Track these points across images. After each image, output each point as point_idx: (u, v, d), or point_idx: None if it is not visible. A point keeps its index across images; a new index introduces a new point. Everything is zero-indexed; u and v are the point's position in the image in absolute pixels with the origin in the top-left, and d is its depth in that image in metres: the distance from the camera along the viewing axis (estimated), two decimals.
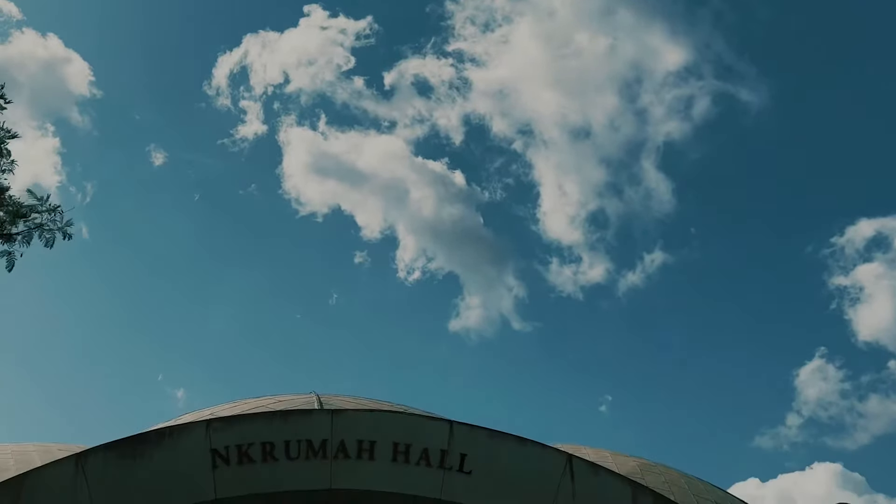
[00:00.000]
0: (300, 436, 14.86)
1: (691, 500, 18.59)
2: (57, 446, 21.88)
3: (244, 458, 14.60)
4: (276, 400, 18.98)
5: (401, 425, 15.47)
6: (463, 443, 15.07)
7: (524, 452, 15.40)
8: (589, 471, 15.16)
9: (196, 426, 15.05)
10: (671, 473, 20.37)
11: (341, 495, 14.80)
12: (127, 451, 14.68)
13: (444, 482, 14.70)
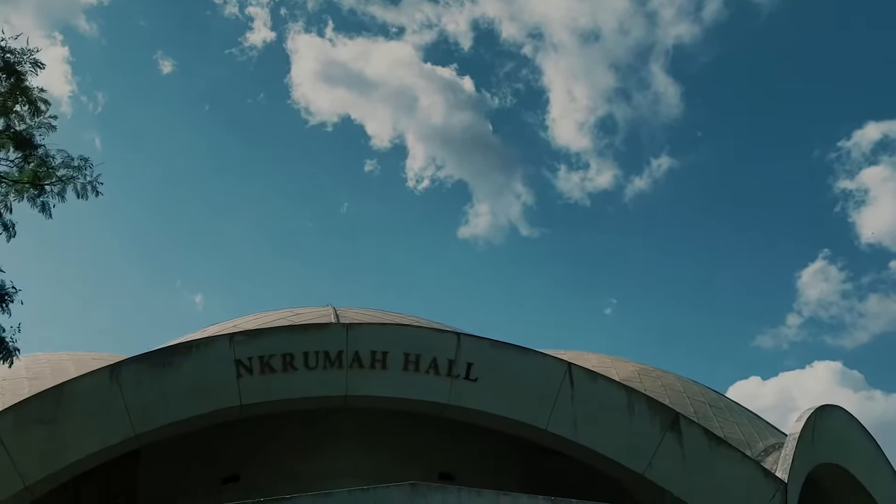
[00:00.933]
0: (317, 348, 15.52)
1: (685, 401, 19.38)
2: (91, 355, 22.88)
3: (266, 368, 15.30)
4: (294, 313, 19.57)
5: (411, 337, 16.07)
6: (469, 353, 15.71)
7: (526, 361, 16.15)
8: (587, 377, 15.90)
9: (220, 339, 15.73)
10: (668, 378, 21.14)
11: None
12: (157, 362, 15.47)
13: (451, 389, 15.37)
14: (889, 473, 19.79)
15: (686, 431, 15.64)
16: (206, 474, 17.52)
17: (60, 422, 14.60)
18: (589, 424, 15.40)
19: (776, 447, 16.97)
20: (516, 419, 15.51)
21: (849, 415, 19.36)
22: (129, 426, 14.93)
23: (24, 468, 14.25)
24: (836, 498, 19.37)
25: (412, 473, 16.38)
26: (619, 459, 15.27)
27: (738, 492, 15.40)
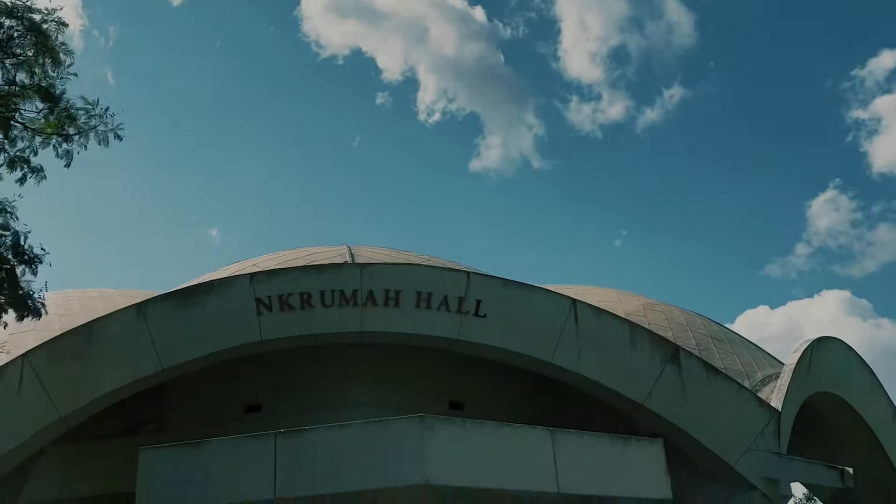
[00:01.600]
0: (333, 286, 15.87)
1: (688, 334, 19.93)
2: (117, 292, 23.54)
3: (285, 306, 15.67)
4: (311, 252, 19.91)
5: (423, 276, 16.40)
6: (478, 290, 16.05)
7: (533, 297, 16.55)
8: (591, 313, 16.30)
9: (241, 279, 16.18)
10: (672, 311, 21.66)
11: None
12: (181, 300, 15.93)
13: (461, 325, 15.74)
14: (883, 401, 20.50)
15: (685, 363, 16.10)
16: (229, 404, 18.13)
17: (91, 357, 15.10)
18: (592, 357, 15.81)
19: (773, 377, 17.51)
20: (523, 353, 15.90)
21: (845, 346, 19.92)
22: (156, 361, 15.36)
23: (58, 400, 14.77)
24: (831, 423, 20.07)
25: (424, 403, 16.90)
26: (620, 390, 15.71)
27: (734, 420, 15.92)
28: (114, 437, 18.22)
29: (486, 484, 9.57)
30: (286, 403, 17.59)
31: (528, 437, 9.91)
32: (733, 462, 15.51)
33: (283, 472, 9.60)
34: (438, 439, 9.33)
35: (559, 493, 9.74)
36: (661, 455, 10.51)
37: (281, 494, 9.65)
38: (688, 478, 16.08)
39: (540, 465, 9.64)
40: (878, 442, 19.75)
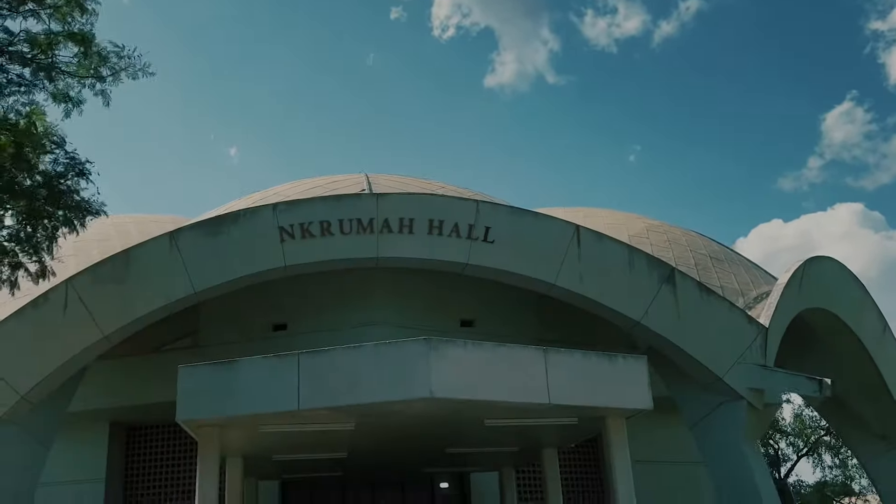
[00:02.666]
0: (351, 215, 16.39)
1: (688, 254, 20.58)
2: (150, 217, 24.54)
3: (306, 233, 16.25)
4: (330, 180, 20.55)
5: (435, 205, 16.85)
6: (487, 218, 16.52)
7: (538, 224, 17.06)
8: (593, 238, 16.84)
9: (265, 209, 16.75)
10: (675, 232, 22.30)
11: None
12: (210, 228, 16.57)
13: (470, 250, 16.29)
14: (874, 315, 21.14)
15: (680, 284, 16.66)
16: (257, 323, 19.08)
17: (129, 281, 15.85)
18: (593, 279, 16.39)
19: (766, 295, 18.05)
20: (528, 276, 16.48)
21: (839, 264, 20.47)
22: (188, 284, 16.01)
23: (100, 320, 15.63)
24: (824, 336, 20.66)
25: (437, 321, 18.09)
26: (618, 309, 16.35)
27: (725, 336, 16.58)
28: (151, 352, 19.26)
29: (484, 396, 10.38)
30: (310, 322, 18.52)
31: (522, 355, 10.63)
32: (722, 374, 16.24)
33: (306, 386, 10.40)
34: (442, 358, 10.06)
35: (550, 404, 10.59)
36: (645, 370, 11.31)
37: (304, 406, 10.47)
38: (682, 387, 17.14)
39: (533, 379, 10.42)
40: (868, 353, 20.44)
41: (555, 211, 24.74)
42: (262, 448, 13.55)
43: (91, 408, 18.41)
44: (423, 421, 11.69)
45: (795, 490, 42.94)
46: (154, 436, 21.01)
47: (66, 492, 19.09)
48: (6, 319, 15.56)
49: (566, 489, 17.82)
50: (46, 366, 15.56)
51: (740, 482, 15.95)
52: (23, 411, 15.53)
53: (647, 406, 11.16)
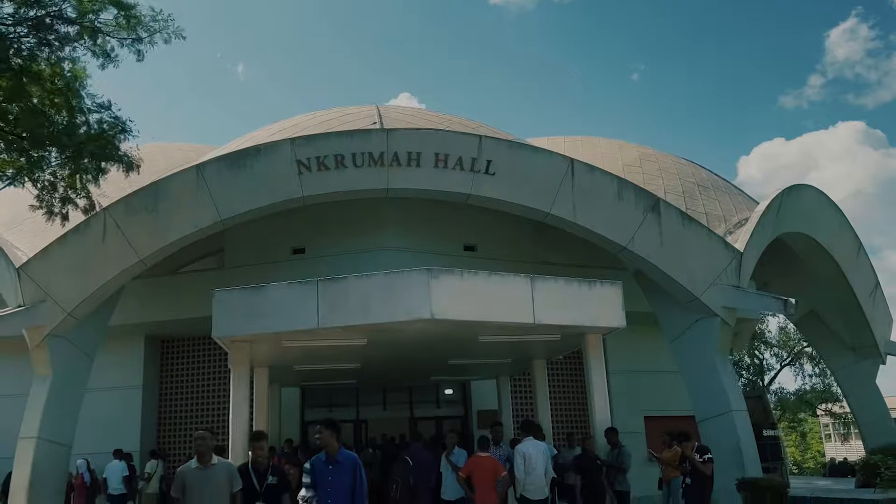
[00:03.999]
0: (363, 149, 16.89)
1: (677, 182, 21.46)
2: (175, 146, 25.51)
3: (322, 166, 16.82)
4: (343, 112, 21.06)
5: (441, 139, 17.28)
6: (488, 151, 17.06)
7: (536, 157, 17.69)
8: (585, 170, 17.48)
9: (284, 143, 17.21)
10: (666, 161, 23.14)
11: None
12: (234, 161, 17.12)
13: (473, 181, 16.90)
14: (849, 238, 22.14)
15: (664, 213, 17.43)
16: (278, 247, 19.84)
17: (160, 210, 16.51)
18: (584, 208, 17.10)
19: (746, 221, 18.90)
20: (526, 205, 17.19)
21: (817, 191, 21.28)
22: (215, 213, 16.66)
23: (137, 245, 16.45)
24: (804, 258, 21.74)
25: (442, 246, 19.06)
26: (607, 235, 17.16)
27: (702, 260, 17.39)
28: (182, 272, 20.42)
29: (477, 317, 11.38)
30: (326, 246, 19.35)
31: (511, 282, 11.61)
32: (699, 294, 17.13)
33: (324, 308, 11.42)
34: (441, 285, 11.03)
35: (535, 324, 11.60)
36: (619, 294, 12.38)
37: (322, 325, 11.52)
38: (663, 305, 18.16)
39: (521, 303, 11.42)
40: (843, 272, 21.60)
41: (555, 140, 25.58)
42: (286, 360, 14.66)
43: (128, 322, 19.40)
44: (425, 337, 12.76)
45: (778, 397, 44.81)
46: (184, 348, 22.08)
47: (109, 397, 20.22)
48: (50, 245, 16.55)
49: (553, 395, 18.84)
50: (89, 286, 16.62)
51: (711, 389, 17.12)
52: (69, 326, 16.72)
53: (621, 325, 12.37)
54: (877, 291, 22.91)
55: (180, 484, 7.00)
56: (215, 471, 6.99)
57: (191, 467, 7.04)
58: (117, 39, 12.17)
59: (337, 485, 6.44)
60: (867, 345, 22.98)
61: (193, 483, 6.86)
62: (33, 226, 17.87)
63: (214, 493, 6.86)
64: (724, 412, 16.68)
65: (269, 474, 7.26)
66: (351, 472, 6.54)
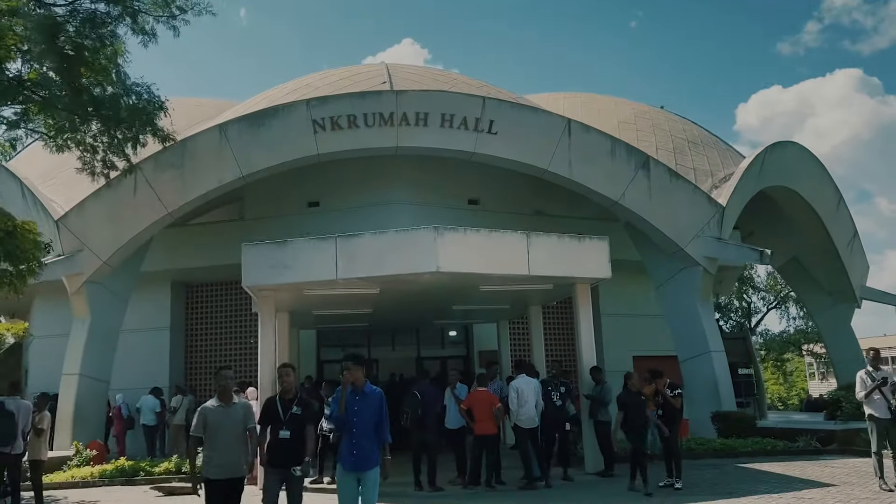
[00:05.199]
0: (374, 110, 17.54)
1: (668, 138, 22.28)
2: (192, 101, 26.08)
3: (335, 126, 17.48)
4: (354, 72, 21.62)
5: (447, 101, 17.90)
6: (491, 112, 17.77)
7: (535, 117, 18.45)
8: (581, 129, 18.28)
9: (300, 104, 17.90)
10: (660, 117, 23.91)
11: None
12: (253, 121, 17.85)
13: (477, 140, 17.65)
14: (830, 191, 23.03)
15: (653, 169, 18.29)
16: (294, 200, 20.53)
17: (186, 167, 17.33)
18: (580, 165, 17.90)
19: (731, 175, 19.85)
20: (525, 162, 17.92)
21: (800, 147, 22.15)
22: (237, 169, 17.49)
23: (164, 199, 17.42)
24: (787, 209, 22.67)
25: (447, 200, 19.77)
26: (600, 191, 18.01)
27: (688, 214, 18.31)
28: (205, 223, 21.23)
29: (478, 270, 12.29)
30: (339, 200, 20.03)
31: (509, 239, 12.41)
32: (684, 245, 18.13)
33: (342, 262, 12.25)
34: (446, 242, 11.94)
35: (530, 275, 12.53)
36: (606, 248, 13.24)
37: (340, 276, 12.36)
38: (651, 255, 19.26)
39: (517, 257, 12.22)
40: (823, 223, 22.50)
41: (556, 96, 26.26)
42: (306, 306, 15.66)
43: (156, 269, 20.32)
44: (432, 287, 13.78)
45: (764, 338, 46.14)
46: (208, 292, 23.01)
47: (141, 337, 21.25)
48: (86, 199, 17.64)
49: (547, 337, 19.81)
50: (122, 236, 17.76)
51: (692, 332, 18.36)
52: (105, 273, 17.94)
53: (607, 276, 13.43)
54: (854, 241, 23.91)
55: (202, 422, 7.00)
56: (235, 409, 7.10)
57: (212, 406, 7.07)
58: (154, 17, 12.90)
59: (364, 414, 6.83)
60: (844, 290, 24.07)
61: (215, 421, 6.94)
62: (66, 178, 18.74)
63: (235, 431, 6.97)
64: (703, 353, 17.97)
65: (294, 405, 7.40)
66: (378, 403, 6.94)
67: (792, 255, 24.95)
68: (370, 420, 6.91)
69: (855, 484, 10.78)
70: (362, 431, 6.87)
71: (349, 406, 6.90)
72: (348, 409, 6.89)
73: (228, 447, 6.90)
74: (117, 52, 12.38)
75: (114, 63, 12.41)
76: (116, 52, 12.36)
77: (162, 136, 14.25)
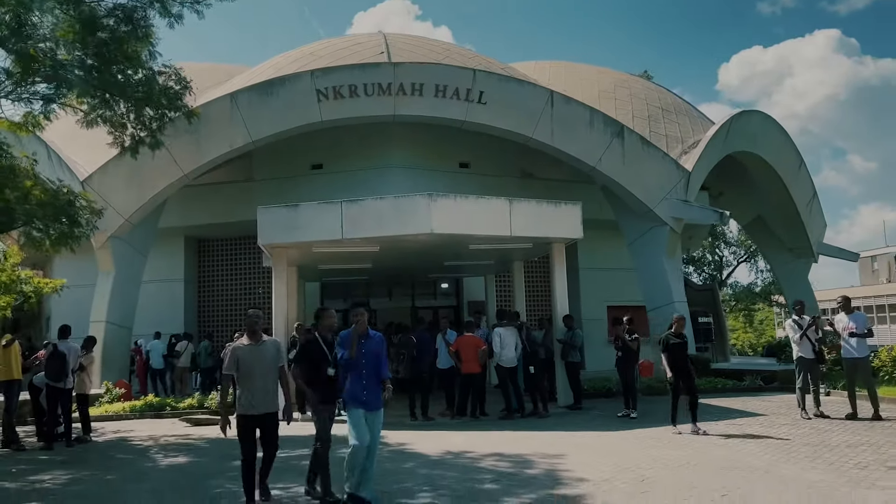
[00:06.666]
0: (373, 80, 18.50)
1: (644, 106, 23.47)
2: (200, 66, 26.92)
3: (337, 95, 18.46)
4: (353, 41, 22.42)
5: (441, 72, 18.83)
6: (481, 84, 18.80)
7: (521, 89, 19.47)
8: (563, 101, 19.37)
9: (305, 74, 18.79)
10: (637, 87, 25.06)
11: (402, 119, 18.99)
12: (262, 90, 18.82)
13: (468, 110, 18.69)
14: (793, 156, 24.36)
15: (627, 138, 19.51)
16: (299, 163, 21.53)
17: (201, 132, 18.14)
18: (561, 133, 19.05)
19: (699, 142, 21.13)
20: (512, 130, 19.00)
21: (765, 115, 23.40)
22: (246, 135, 18.52)
23: (181, 162, 18.47)
24: (752, 172, 24.03)
25: (440, 164, 20.89)
26: (579, 157, 19.22)
27: (657, 178, 19.61)
28: (215, 183, 22.02)
29: (467, 231, 13.53)
30: (341, 163, 21.07)
31: (494, 204, 13.52)
32: (653, 206, 19.46)
33: (347, 223, 13.49)
34: (439, 206, 13.15)
35: (512, 236, 13.79)
36: (579, 212, 14.47)
37: (345, 236, 13.59)
38: (624, 215, 20.57)
39: (501, 220, 13.34)
40: (785, 185, 23.90)
41: (542, 64, 27.32)
42: (313, 261, 16.95)
43: (171, 225, 21.46)
44: (426, 247, 15.05)
45: (734, 290, 47.91)
46: (218, 247, 24.19)
47: (159, 287, 22.53)
48: (109, 162, 18.66)
49: (528, 289, 21.12)
50: (142, 196, 18.92)
51: (659, 284, 19.92)
52: (126, 230, 19.14)
53: (579, 236, 14.84)
54: (814, 201, 25.41)
55: (234, 360, 6.86)
56: (266, 347, 6.97)
57: (243, 345, 6.95)
58: (180, 2, 13.77)
59: (370, 356, 7.00)
60: (803, 246, 25.65)
61: (247, 359, 6.84)
62: (88, 139, 19.68)
63: (266, 368, 6.88)
64: (667, 303, 19.58)
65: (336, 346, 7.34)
66: (380, 345, 7.18)
67: (756, 214, 26.42)
68: (374, 361, 7.05)
69: (781, 414, 12.51)
70: (370, 372, 6.98)
71: (358, 349, 7.01)
72: (357, 352, 7.01)
73: (262, 384, 6.83)
74: (149, 36, 13.29)
75: (145, 45, 13.37)
76: (148, 36, 13.27)
77: (187, 114, 15.36)
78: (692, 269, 46.07)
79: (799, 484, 7.22)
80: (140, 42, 13.11)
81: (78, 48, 12.11)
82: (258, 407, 6.77)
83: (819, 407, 12.28)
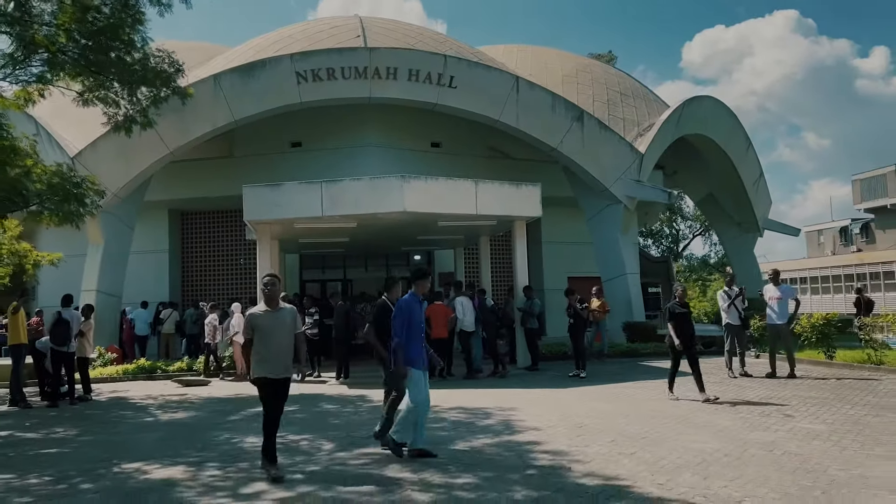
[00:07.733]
0: (350, 64, 19.19)
1: (604, 91, 24.54)
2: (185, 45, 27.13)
3: (316, 78, 19.10)
4: (330, 24, 22.92)
5: (414, 58, 19.55)
6: (452, 69, 19.63)
7: (489, 74, 20.33)
8: (527, 86, 20.34)
9: (285, 58, 19.43)
10: (598, 71, 26.05)
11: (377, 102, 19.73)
12: (244, 72, 19.43)
13: (439, 93, 19.52)
14: (741, 139, 25.64)
15: (586, 122, 20.57)
16: (278, 140, 22.25)
17: (186, 111, 18.51)
18: (525, 117, 20.04)
19: (652, 126, 22.27)
20: (480, 113, 19.93)
21: (715, 101, 24.56)
22: (229, 114, 19.17)
23: (166, 139, 19.05)
24: (704, 153, 25.35)
25: (413, 143, 21.75)
26: (542, 139, 20.25)
27: (613, 160, 20.74)
28: (198, 160, 22.50)
29: (437, 210, 14.49)
30: (319, 142, 21.80)
31: (461, 185, 14.45)
32: (609, 185, 20.63)
33: (327, 202, 14.36)
34: (412, 187, 14.05)
35: (478, 214, 14.82)
36: (538, 193, 15.51)
37: (325, 213, 14.48)
38: (583, 193, 21.70)
39: (467, 199, 14.31)
40: (734, 165, 25.22)
41: (509, 48, 28.21)
42: (294, 235, 17.84)
43: (156, 199, 22.12)
44: (399, 223, 16.04)
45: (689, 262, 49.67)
46: (200, 220, 24.85)
47: (145, 258, 23.27)
48: (98, 139, 19.28)
49: (493, 262, 22.10)
50: (130, 171, 19.60)
51: (613, 257, 21.16)
52: (115, 203, 19.82)
53: (538, 215, 15.97)
54: (760, 180, 26.84)
55: (250, 326, 6.93)
56: (283, 314, 7.00)
57: (260, 311, 6.97)
58: None
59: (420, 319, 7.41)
60: (750, 222, 27.10)
61: (264, 325, 6.87)
62: (76, 115, 20.02)
63: (284, 334, 6.91)
64: (620, 274, 20.93)
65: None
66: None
67: (708, 191, 27.79)
68: (422, 327, 7.48)
69: (711, 374, 13.89)
70: (421, 336, 7.42)
71: (418, 316, 7.34)
72: (418, 318, 7.32)
73: (279, 349, 6.89)
74: (141, 23, 13.99)
75: (136, 30, 14.06)
76: (140, 22, 13.96)
77: (181, 94, 16.14)
78: (651, 241, 47.66)
79: (709, 428, 8.57)
80: (132, 28, 13.84)
81: (76, 34, 12.88)
82: (276, 371, 6.86)
83: (744, 367, 13.73)
